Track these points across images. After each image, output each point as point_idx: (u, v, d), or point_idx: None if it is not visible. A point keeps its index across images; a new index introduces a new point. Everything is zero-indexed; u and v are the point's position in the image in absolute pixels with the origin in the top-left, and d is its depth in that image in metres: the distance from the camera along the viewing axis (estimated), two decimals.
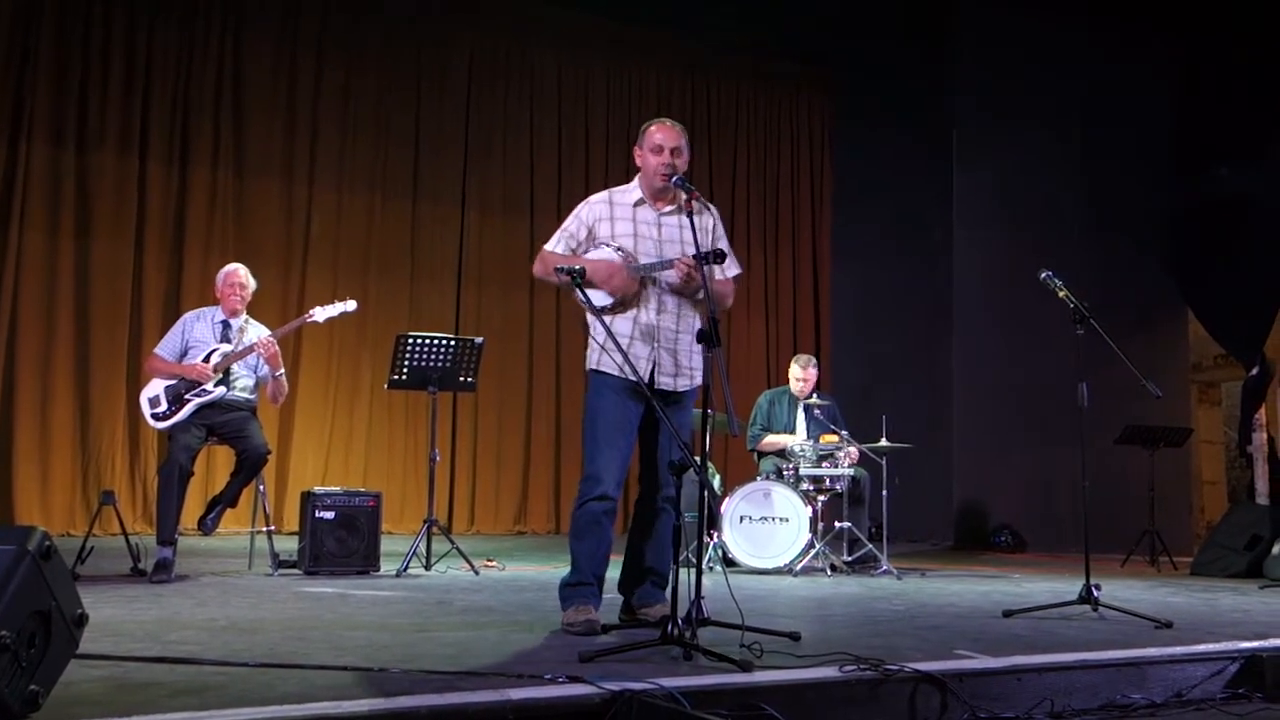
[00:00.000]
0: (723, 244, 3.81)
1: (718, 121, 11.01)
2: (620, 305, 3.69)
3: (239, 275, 5.54)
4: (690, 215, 3.69)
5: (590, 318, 3.71)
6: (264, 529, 5.52)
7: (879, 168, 10.55)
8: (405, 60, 9.54)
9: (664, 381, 3.72)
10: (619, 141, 10.20)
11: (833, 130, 11.36)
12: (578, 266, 3.58)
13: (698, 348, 3.81)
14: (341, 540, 5.46)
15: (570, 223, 3.86)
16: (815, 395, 6.80)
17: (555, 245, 3.84)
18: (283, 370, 5.47)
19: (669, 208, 3.85)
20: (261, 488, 5.52)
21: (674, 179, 3.71)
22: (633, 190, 3.88)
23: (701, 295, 3.73)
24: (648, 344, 3.70)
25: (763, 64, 11.07)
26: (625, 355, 3.53)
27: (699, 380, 3.84)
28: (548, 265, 3.79)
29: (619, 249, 3.72)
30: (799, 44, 10.61)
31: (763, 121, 11.20)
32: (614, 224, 3.79)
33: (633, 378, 3.55)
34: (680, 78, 10.84)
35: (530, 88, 10.10)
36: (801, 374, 6.83)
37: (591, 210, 3.84)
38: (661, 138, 3.81)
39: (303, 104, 9.11)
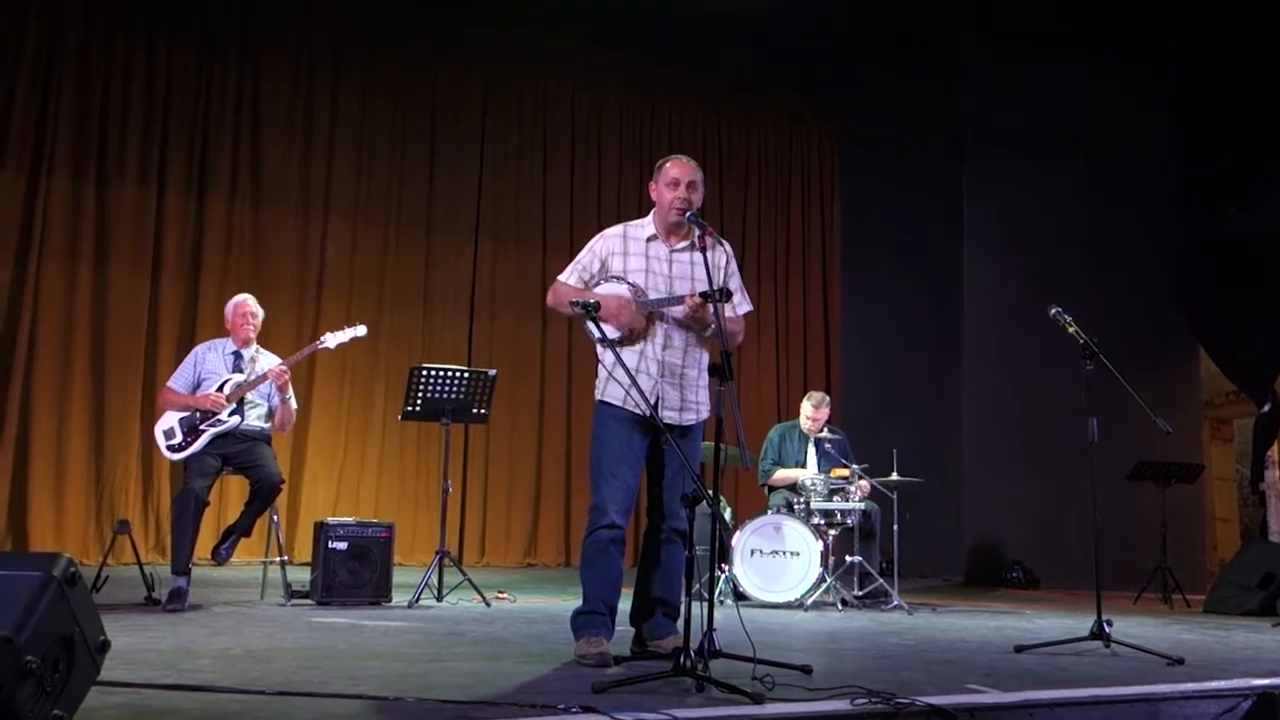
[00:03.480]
0: (734, 281, 3.83)
1: (729, 156, 11.12)
2: (629, 339, 3.75)
3: (249, 305, 5.61)
4: (704, 251, 3.74)
5: (600, 349, 3.76)
6: (277, 559, 5.56)
7: (888, 202, 10.62)
8: (420, 93, 9.67)
9: (668, 416, 3.75)
10: (631, 175, 10.31)
11: (841, 165, 11.47)
12: (591, 300, 3.63)
13: (704, 382, 3.86)
14: (354, 571, 5.49)
15: (584, 255, 3.93)
16: (826, 429, 6.82)
17: (568, 277, 3.89)
18: (291, 394, 5.52)
19: (682, 244, 3.90)
20: (275, 518, 5.56)
21: (688, 215, 3.77)
22: (647, 225, 3.93)
23: (710, 332, 3.78)
24: (652, 377, 3.75)
25: (772, 99, 11.19)
26: (636, 384, 3.56)
27: (705, 414, 3.88)
28: (561, 297, 3.85)
29: (630, 284, 3.78)
30: (807, 79, 10.74)
31: (773, 156, 11.31)
32: (626, 258, 3.85)
33: (639, 409, 3.60)
34: (692, 112, 10.96)
35: (544, 121, 10.22)
36: (813, 413, 6.85)
37: (605, 244, 3.90)
38: (677, 173, 3.86)
39: (319, 136, 9.24)
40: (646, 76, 10.62)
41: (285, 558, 5.63)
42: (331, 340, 5.68)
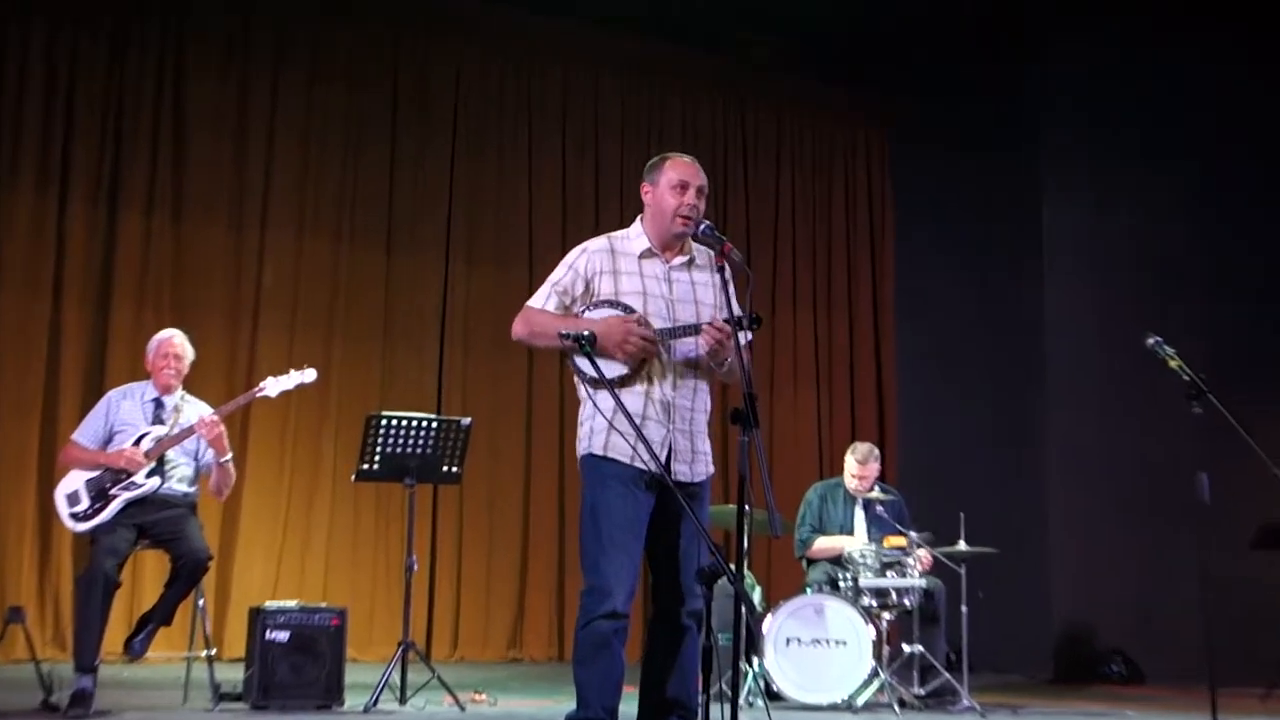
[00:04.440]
0: (735, 303, 3.91)
1: (755, 155, 11.14)
2: (631, 377, 3.79)
3: (174, 344, 5.68)
4: (721, 272, 3.80)
5: (589, 391, 3.81)
6: (203, 653, 5.57)
7: (952, 210, 10.64)
8: (380, 83, 9.73)
9: (680, 470, 3.81)
10: (636, 179, 10.33)
11: (895, 166, 11.47)
12: (585, 331, 3.67)
13: (707, 429, 3.91)
14: (297, 667, 5.51)
15: (563, 275, 3.95)
16: (877, 488, 6.85)
17: (544, 301, 3.93)
18: (230, 455, 5.58)
19: (680, 259, 3.97)
20: (201, 602, 5.58)
21: (702, 227, 3.82)
22: (637, 237, 3.99)
23: (726, 368, 3.83)
24: (663, 425, 3.80)
25: (810, 87, 11.23)
26: (641, 437, 3.59)
27: (712, 468, 3.94)
28: (539, 326, 3.89)
29: (626, 309, 3.82)
30: (854, 63, 10.74)
31: (810, 155, 11.33)
32: (618, 278, 3.89)
33: (650, 466, 3.64)
34: (709, 103, 11.00)
35: (530, 114, 10.27)
36: (860, 468, 6.89)
37: (590, 260, 3.94)
38: (683, 174, 3.93)
39: (256, 134, 9.28)
40: (654, 59, 10.67)
41: (213, 651, 5.65)
42: (274, 387, 5.74)
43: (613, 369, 3.75)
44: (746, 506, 3.55)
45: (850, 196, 11.42)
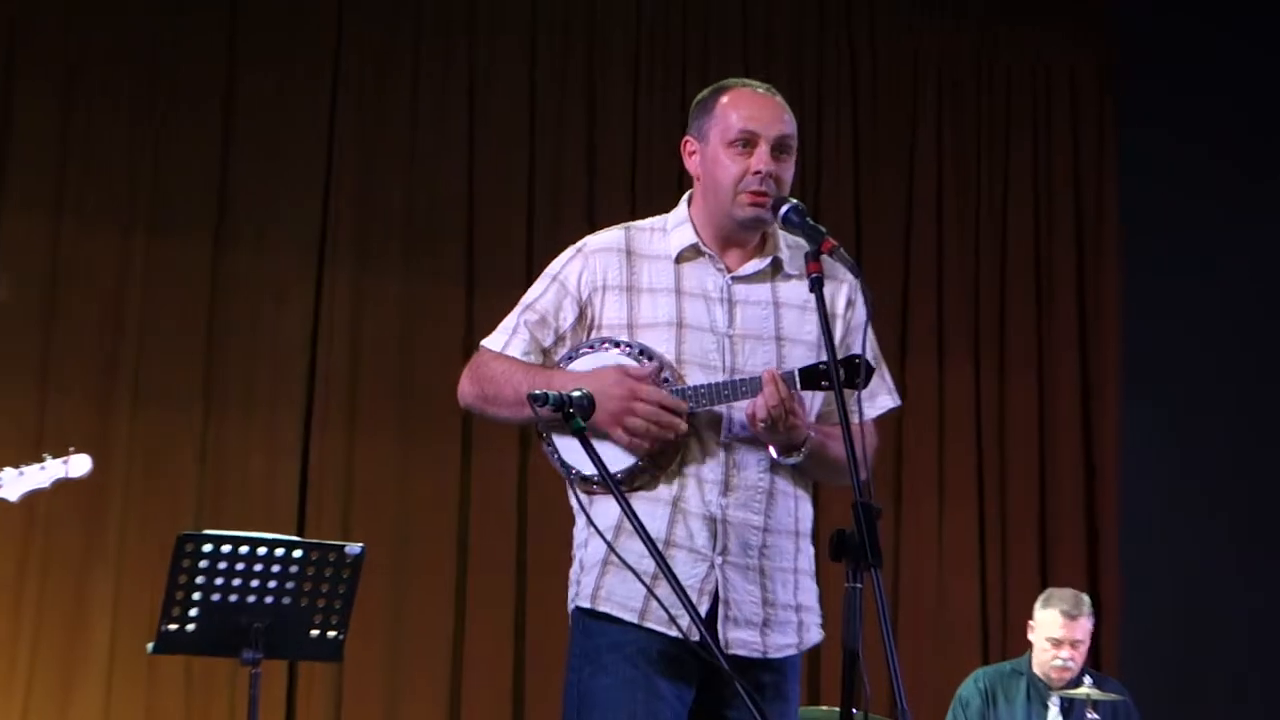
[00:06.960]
0: (868, 348, 3.85)
1: (875, 104, 11.17)
2: (648, 471, 3.82)
3: None
4: (815, 282, 3.76)
5: (580, 497, 3.83)
6: None
7: (1211, 227, 10.70)
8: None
9: (739, 639, 3.83)
10: (663, 151, 10.23)
11: (1119, 147, 11.47)
12: (573, 392, 3.64)
13: (809, 564, 3.93)
14: None
15: (540, 292, 4.01)
16: (1088, 679, 6.84)
17: (509, 342, 3.97)
18: None
19: (754, 264, 4.01)
20: None
21: (785, 209, 3.82)
22: (677, 227, 4.03)
23: (803, 454, 3.82)
24: (702, 556, 3.82)
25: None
26: (669, 576, 3.53)
27: (816, 635, 3.97)
28: (488, 384, 3.94)
29: (642, 353, 3.85)
30: None
31: (973, 108, 11.35)
32: (634, 298, 3.94)
33: (678, 629, 3.66)
34: (797, 18, 11.09)
35: (476, 25, 10.31)
36: (1061, 631, 6.89)
37: (590, 268, 3.97)
38: (750, 114, 3.92)
39: None
40: None
41: None
42: (13, 486, 5.82)
43: (616, 458, 3.75)
44: (858, 710, 3.50)
45: (1041, 178, 11.42)
